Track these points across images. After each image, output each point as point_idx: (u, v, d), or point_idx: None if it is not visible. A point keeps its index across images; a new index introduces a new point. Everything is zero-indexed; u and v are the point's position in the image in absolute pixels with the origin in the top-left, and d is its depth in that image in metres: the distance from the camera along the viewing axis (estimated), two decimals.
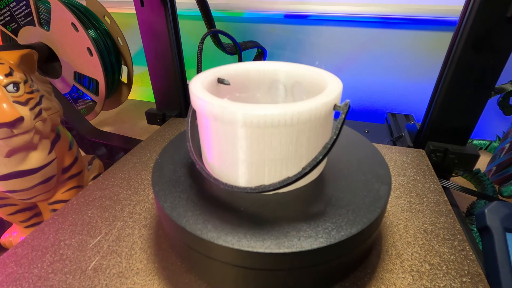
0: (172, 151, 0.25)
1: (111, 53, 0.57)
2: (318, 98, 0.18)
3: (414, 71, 0.62)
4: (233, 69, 0.24)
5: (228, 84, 0.23)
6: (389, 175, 0.22)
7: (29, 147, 0.32)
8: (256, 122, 0.16)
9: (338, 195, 0.20)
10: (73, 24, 0.50)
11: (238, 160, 0.19)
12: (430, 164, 0.33)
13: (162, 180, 0.22)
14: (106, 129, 0.71)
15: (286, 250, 0.16)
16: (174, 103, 0.51)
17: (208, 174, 0.19)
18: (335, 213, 0.18)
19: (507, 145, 0.48)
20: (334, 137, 0.16)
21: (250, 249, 0.16)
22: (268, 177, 0.19)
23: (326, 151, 0.16)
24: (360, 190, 0.20)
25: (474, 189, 0.49)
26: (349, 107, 0.17)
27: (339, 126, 0.16)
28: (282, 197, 0.20)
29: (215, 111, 0.17)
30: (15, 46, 0.52)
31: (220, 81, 0.23)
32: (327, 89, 0.19)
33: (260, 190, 0.17)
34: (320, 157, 0.16)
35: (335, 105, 0.17)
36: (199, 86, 0.19)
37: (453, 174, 0.45)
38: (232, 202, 0.19)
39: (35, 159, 0.32)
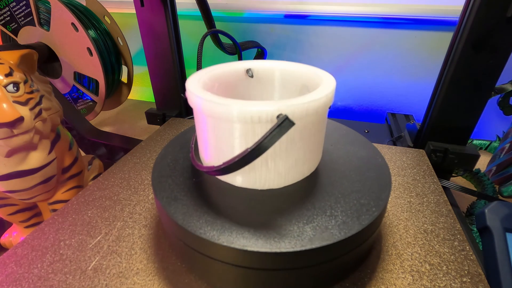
0: (172, 151, 0.25)
1: (111, 53, 0.57)
2: (312, 95, 0.18)
3: (414, 71, 0.62)
4: (228, 68, 0.24)
5: (251, 76, 0.24)
6: (389, 175, 0.22)
7: (29, 147, 0.32)
8: (250, 118, 0.17)
9: (338, 195, 0.20)
10: (73, 24, 0.50)
11: (234, 155, 0.19)
12: (430, 164, 0.33)
13: (162, 180, 0.22)
14: (106, 129, 0.71)
15: (286, 250, 0.16)
16: (174, 103, 0.51)
17: (193, 160, 0.19)
18: (335, 213, 0.18)
19: (507, 145, 0.48)
20: (265, 137, 0.15)
21: (249, 249, 0.16)
22: (262, 172, 0.19)
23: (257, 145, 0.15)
24: (360, 190, 0.20)
25: (474, 189, 0.49)
26: (284, 120, 0.15)
27: (268, 132, 0.15)
28: (282, 197, 0.20)
29: (211, 107, 0.17)
30: (15, 46, 0.52)
31: (248, 72, 0.24)
32: (321, 86, 0.19)
33: (220, 168, 0.17)
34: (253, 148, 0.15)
35: (279, 115, 0.16)
36: (196, 84, 0.20)
37: (453, 174, 0.45)
38: (233, 201, 0.19)
39: (35, 159, 0.32)
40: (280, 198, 0.20)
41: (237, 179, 0.20)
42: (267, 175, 0.19)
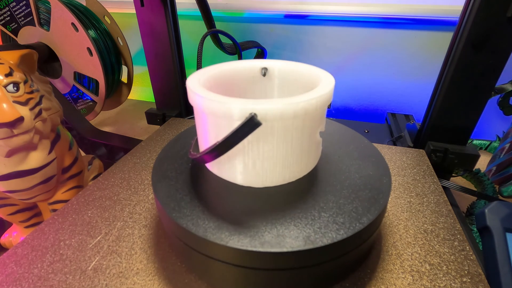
0: (172, 151, 0.25)
1: (111, 53, 0.57)
2: (310, 94, 0.18)
3: (414, 71, 0.62)
4: (229, 67, 0.24)
5: (264, 75, 0.25)
6: (389, 175, 0.22)
7: (29, 147, 0.32)
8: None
9: (337, 195, 0.20)
10: (73, 24, 0.50)
11: (236, 155, 0.19)
12: (430, 164, 0.33)
13: (162, 180, 0.22)
14: (106, 129, 0.71)
15: (286, 250, 0.16)
16: (174, 103, 0.51)
17: (190, 152, 0.19)
18: (335, 213, 0.18)
19: (507, 145, 0.48)
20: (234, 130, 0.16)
21: (249, 249, 0.16)
22: (263, 171, 0.19)
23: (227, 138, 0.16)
24: (360, 190, 0.20)
25: (474, 189, 0.49)
26: (251, 119, 0.15)
27: (234, 130, 0.16)
28: (283, 196, 0.20)
29: (212, 106, 0.17)
30: (15, 46, 0.52)
31: (263, 72, 0.24)
32: (320, 85, 0.19)
33: (198, 157, 0.17)
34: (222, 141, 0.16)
35: (254, 114, 0.16)
36: (196, 83, 0.20)
37: (453, 174, 0.45)
38: (233, 200, 0.19)
39: (35, 159, 0.32)
40: (280, 197, 0.20)
41: (237, 177, 0.20)
42: (266, 173, 0.20)
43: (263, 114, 0.16)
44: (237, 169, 0.20)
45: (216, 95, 0.18)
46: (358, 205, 0.19)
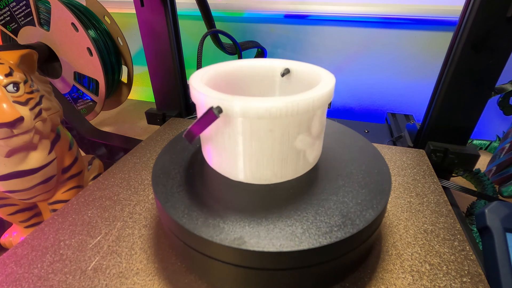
0: (172, 150, 0.25)
1: (111, 53, 0.57)
2: (313, 92, 0.18)
3: (414, 71, 0.62)
4: (231, 66, 0.24)
5: (282, 76, 0.25)
6: (389, 175, 0.22)
7: (29, 147, 0.32)
8: (253, 114, 0.17)
9: (337, 195, 0.20)
10: (73, 24, 0.50)
11: (237, 152, 0.19)
12: (430, 164, 0.33)
13: (162, 180, 0.22)
14: (106, 129, 0.71)
15: (286, 250, 0.16)
16: (174, 103, 0.51)
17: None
18: (335, 213, 0.18)
19: (507, 145, 0.48)
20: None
21: (249, 248, 0.16)
22: (267, 168, 0.19)
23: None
24: (360, 190, 0.20)
25: (474, 189, 0.49)
26: (219, 110, 0.17)
27: (196, 120, 0.18)
28: (282, 195, 0.20)
29: (214, 103, 0.17)
30: (15, 46, 0.52)
31: (284, 72, 0.25)
32: (321, 83, 0.20)
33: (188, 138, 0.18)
34: None
35: (212, 107, 0.18)
36: (198, 81, 0.20)
37: (453, 174, 0.45)
38: (233, 200, 0.19)
39: (35, 159, 0.32)
40: (281, 196, 0.20)
41: (237, 174, 0.20)
42: (266, 170, 0.20)
43: (244, 111, 0.17)
44: (237, 165, 0.20)
45: (219, 92, 0.18)
46: (358, 205, 0.19)
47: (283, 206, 0.19)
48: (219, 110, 0.17)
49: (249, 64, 0.25)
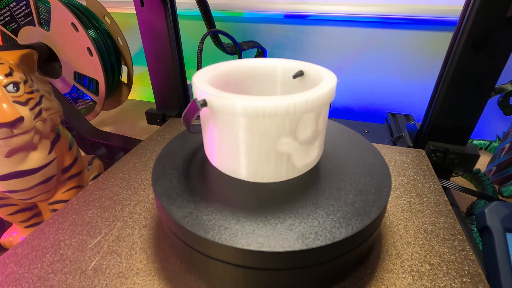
0: (172, 151, 0.25)
1: (111, 53, 0.57)
2: (314, 91, 0.18)
3: (414, 71, 0.62)
4: (232, 65, 0.25)
5: (294, 77, 0.25)
6: (389, 175, 0.22)
7: (29, 147, 0.32)
8: (255, 112, 0.17)
9: (337, 195, 0.20)
10: (73, 24, 0.50)
11: (239, 150, 0.19)
12: (430, 164, 0.33)
13: (162, 179, 0.22)
14: (106, 129, 0.71)
15: (286, 250, 0.16)
16: (174, 103, 0.51)
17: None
18: (335, 213, 0.18)
19: (507, 145, 0.48)
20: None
21: (250, 248, 0.16)
22: (267, 167, 0.19)
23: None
24: (360, 190, 0.20)
25: (474, 189, 0.49)
26: (191, 102, 0.18)
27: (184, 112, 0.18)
28: (282, 195, 0.20)
29: (217, 102, 0.18)
30: (15, 46, 0.52)
31: (297, 74, 0.25)
32: (322, 82, 0.20)
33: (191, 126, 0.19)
34: None
35: (195, 99, 0.19)
36: (201, 80, 0.20)
37: (453, 174, 0.45)
38: (233, 200, 0.19)
39: (35, 159, 0.32)
40: (280, 195, 0.20)
41: (240, 172, 0.20)
42: (266, 169, 0.20)
43: (246, 109, 0.17)
44: (238, 163, 0.20)
45: (221, 91, 0.18)
46: (358, 205, 0.19)
47: (284, 206, 0.19)
48: (203, 103, 0.18)
49: (253, 64, 0.25)
